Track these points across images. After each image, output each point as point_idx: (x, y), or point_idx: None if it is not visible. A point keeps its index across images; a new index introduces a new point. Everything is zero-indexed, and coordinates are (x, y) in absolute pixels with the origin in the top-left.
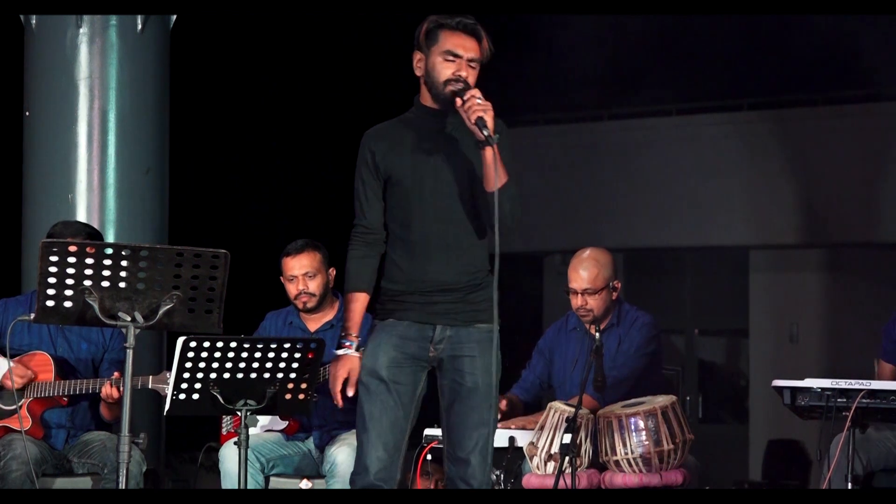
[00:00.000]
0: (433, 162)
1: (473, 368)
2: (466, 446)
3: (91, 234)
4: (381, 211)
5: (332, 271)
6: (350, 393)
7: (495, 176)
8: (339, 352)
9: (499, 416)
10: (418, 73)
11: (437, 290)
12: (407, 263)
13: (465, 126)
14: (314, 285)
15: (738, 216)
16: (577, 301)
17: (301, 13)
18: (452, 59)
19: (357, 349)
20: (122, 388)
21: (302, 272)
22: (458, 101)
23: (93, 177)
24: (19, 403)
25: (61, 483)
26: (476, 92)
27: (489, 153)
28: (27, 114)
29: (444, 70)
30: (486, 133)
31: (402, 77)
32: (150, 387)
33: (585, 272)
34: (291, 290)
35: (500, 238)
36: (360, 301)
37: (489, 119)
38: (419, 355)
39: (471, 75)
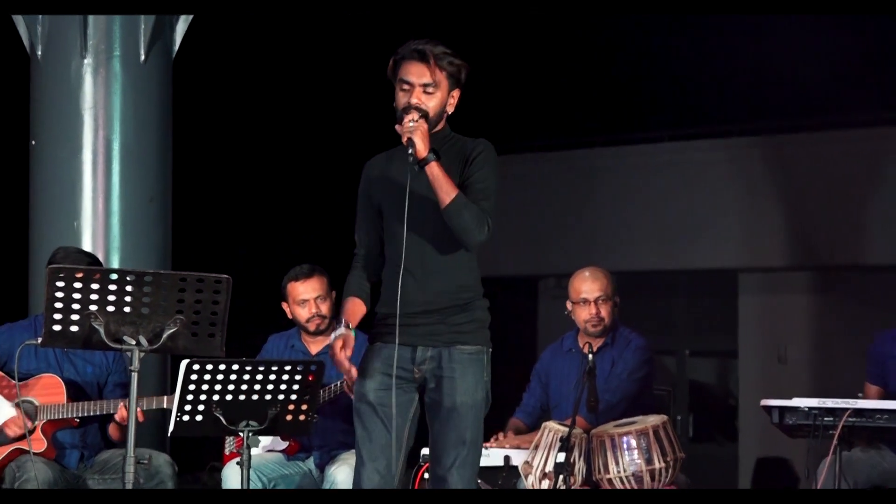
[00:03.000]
0: (414, 190)
1: (452, 390)
2: (444, 463)
3: (91, 262)
4: (375, 233)
5: (334, 294)
6: (348, 353)
7: (441, 192)
8: (335, 332)
9: (494, 443)
10: (395, 105)
11: (419, 312)
12: (391, 286)
13: (448, 151)
14: (325, 307)
15: (727, 239)
16: (588, 311)
17: (301, 40)
18: (408, 87)
19: (347, 327)
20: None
21: (314, 295)
22: (398, 125)
23: (97, 205)
24: (32, 426)
25: None
26: (412, 115)
27: (430, 171)
28: (33, 143)
29: (401, 99)
30: (410, 153)
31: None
32: (154, 407)
33: (596, 281)
34: (303, 314)
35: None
36: (354, 301)
37: (419, 140)
38: (405, 377)
39: (430, 100)
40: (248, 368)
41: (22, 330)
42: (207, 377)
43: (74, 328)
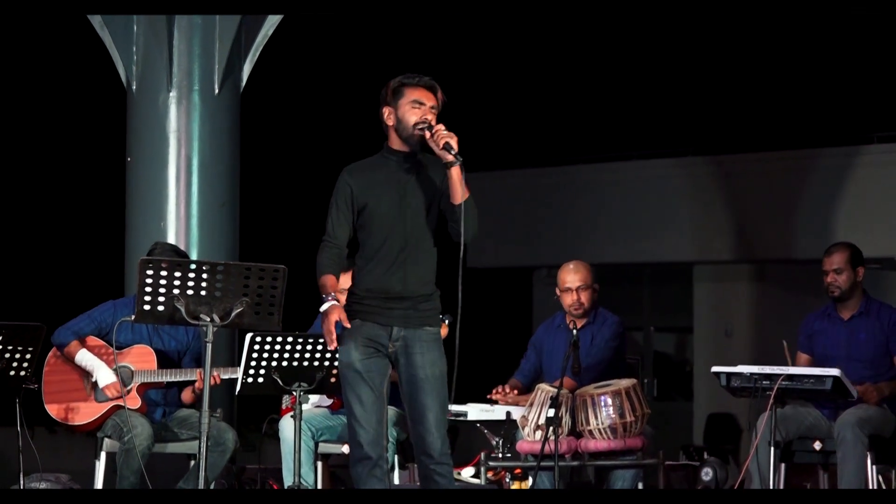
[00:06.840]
0: (400, 194)
1: (423, 363)
2: (424, 423)
3: (178, 253)
4: (347, 231)
5: None
6: (345, 324)
7: (461, 190)
8: (325, 306)
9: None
10: (389, 122)
11: (395, 298)
12: (373, 273)
13: (427, 163)
14: None
15: (684, 238)
16: (571, 298)
17: (327, 75)
18: (418, 106)
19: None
20: (214, 376)
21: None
22: (427, 133)
23: (180, 208)
24: (127, 389)
25: (172, 448)
26: (441, 126)
27: (455, 171)
28: (129, 159)
29: (412, 116)
30: (452, 153)
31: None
32: (226, 376)
33: (578, 273)
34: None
35: (465, 244)
36: (331, 279)
37: (454, 143)
38: (381, 349)
39: (433, 118)
40: (300, 340)
41: (123, 306)
42: (267, 347)
43: (161, 308)
